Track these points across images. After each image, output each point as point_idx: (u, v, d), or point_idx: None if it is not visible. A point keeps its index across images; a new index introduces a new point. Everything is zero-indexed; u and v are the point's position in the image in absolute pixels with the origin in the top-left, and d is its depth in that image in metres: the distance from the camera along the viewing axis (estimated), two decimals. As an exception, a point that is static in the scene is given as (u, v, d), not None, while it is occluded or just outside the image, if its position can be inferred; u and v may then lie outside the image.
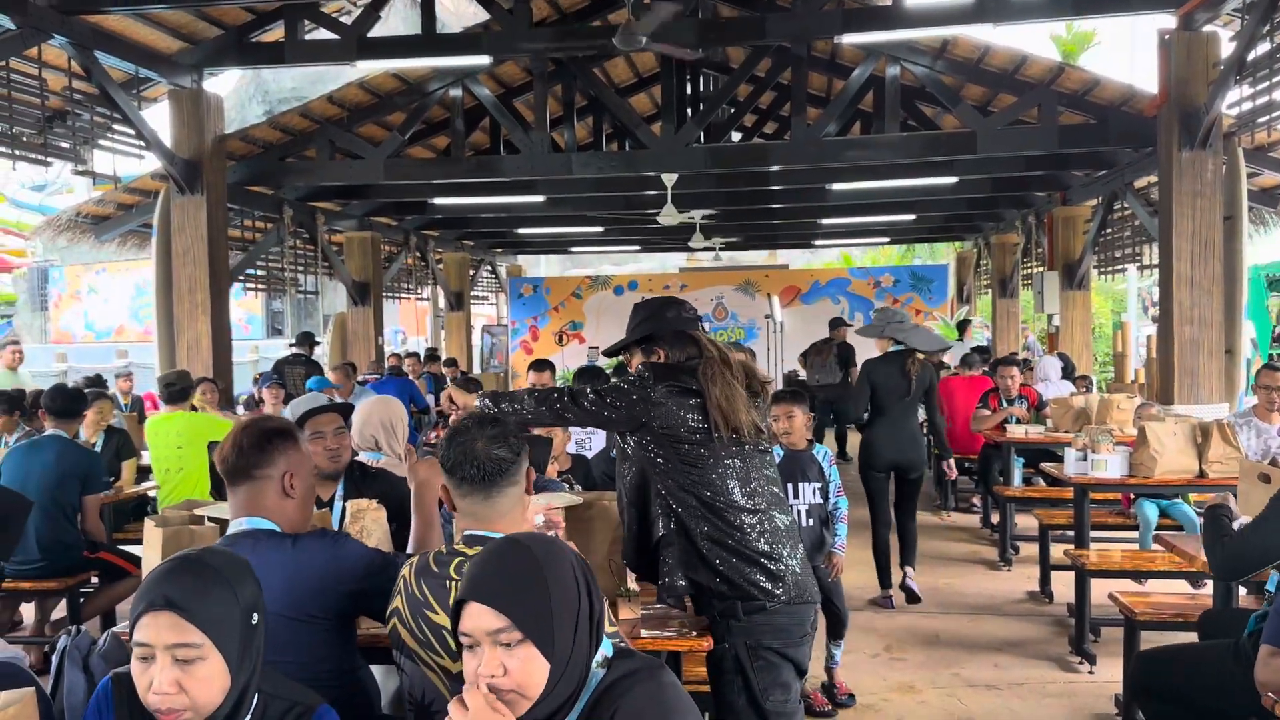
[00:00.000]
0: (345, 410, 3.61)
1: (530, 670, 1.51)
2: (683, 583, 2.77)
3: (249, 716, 1.74)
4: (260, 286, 11.76)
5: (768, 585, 2.58)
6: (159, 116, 8.53)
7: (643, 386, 2.65)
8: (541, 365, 6.10)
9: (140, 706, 1.71)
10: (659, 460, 2.68)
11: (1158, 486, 5.09)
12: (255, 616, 1.73)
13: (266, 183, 9.93)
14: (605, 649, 1.64)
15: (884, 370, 5.82)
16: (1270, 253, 13.85)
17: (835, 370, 11.19)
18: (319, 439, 3.24)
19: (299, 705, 1.80)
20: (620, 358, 3.04)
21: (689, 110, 9.89)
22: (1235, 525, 3.05)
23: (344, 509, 3.04)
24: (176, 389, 5.97)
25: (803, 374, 11.93)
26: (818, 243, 19.08)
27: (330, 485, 3.29)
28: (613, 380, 2.87)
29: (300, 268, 11.88)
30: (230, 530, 2.35)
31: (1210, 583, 4.10)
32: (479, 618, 1.52)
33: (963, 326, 13.56)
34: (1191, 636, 3.95)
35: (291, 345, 11.20)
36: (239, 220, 10.27)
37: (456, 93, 9.13)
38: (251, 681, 1.74)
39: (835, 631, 4.39)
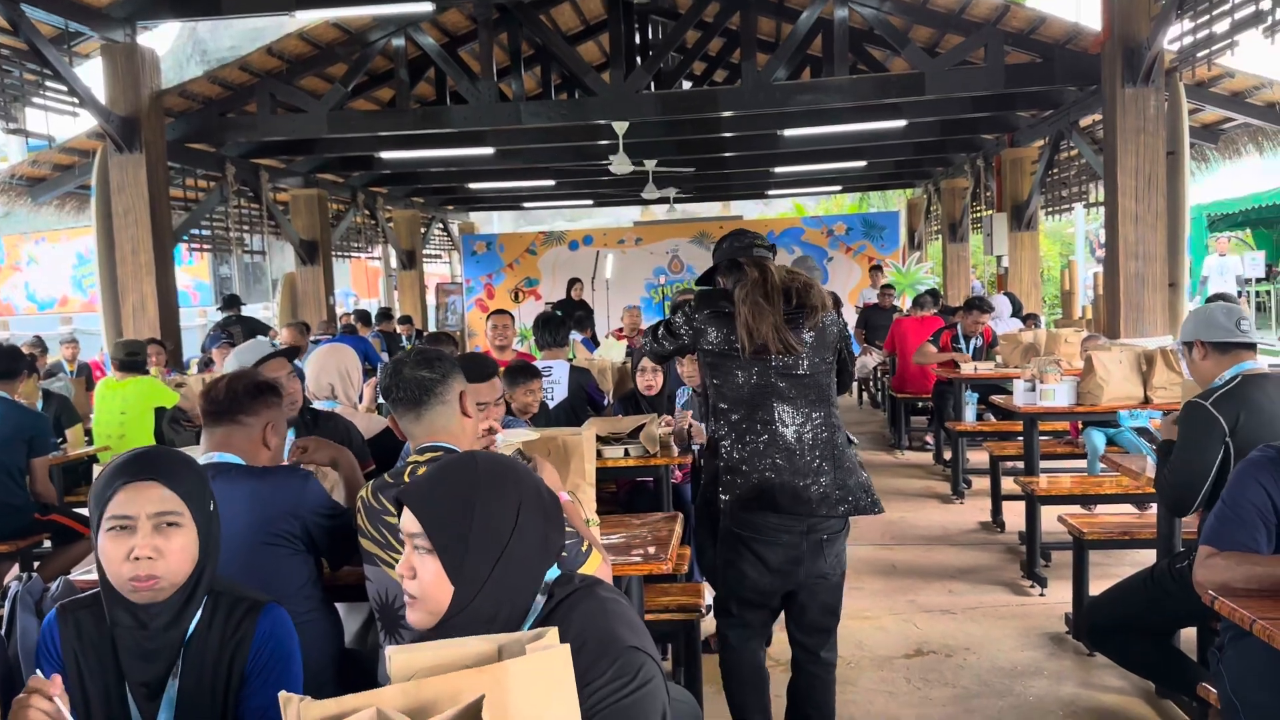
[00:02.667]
0: (290, 355, 3.59)
1: (433, 583, 1.50)
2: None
3: (200, 610, 1.82)
4: (205, 247, 11.52)
5: (730, 481, 2.95)
6: (93, 73, 8.28)
7: (688, 318, 3.08)
8: (501, 313, 6.02)
9: (88, 629, 1.76)
10: (706, 369, 3.09)
11: (1104, 413, 5.21)
12: (213, 504, 1.85)
13: (207, 140, 9.71)
14: (550, 575, 1.63)
15: None
16: (1212, 191, 14.14)
17: None
18: None
19: (248, 601, 1.87)
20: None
21: (638, 58, 9.80)
22: None
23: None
24: (132, 360, 5.89)
25: None
26: (771, 193, 19.09)
27: (282, 429, 3.27)
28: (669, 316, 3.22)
29: (246, 227, 11.65)
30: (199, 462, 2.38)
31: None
32: (406, 516, 1.55)
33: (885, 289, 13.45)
34: (1139, 554, 4.09)
35: (220, 309, 11.09)
36: (181, 179, 10.03)
37: (399, 42, 8.96)
38: (208, 566, 1.82)
39: None
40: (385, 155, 11.11)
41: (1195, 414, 2.97)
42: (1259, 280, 15.46)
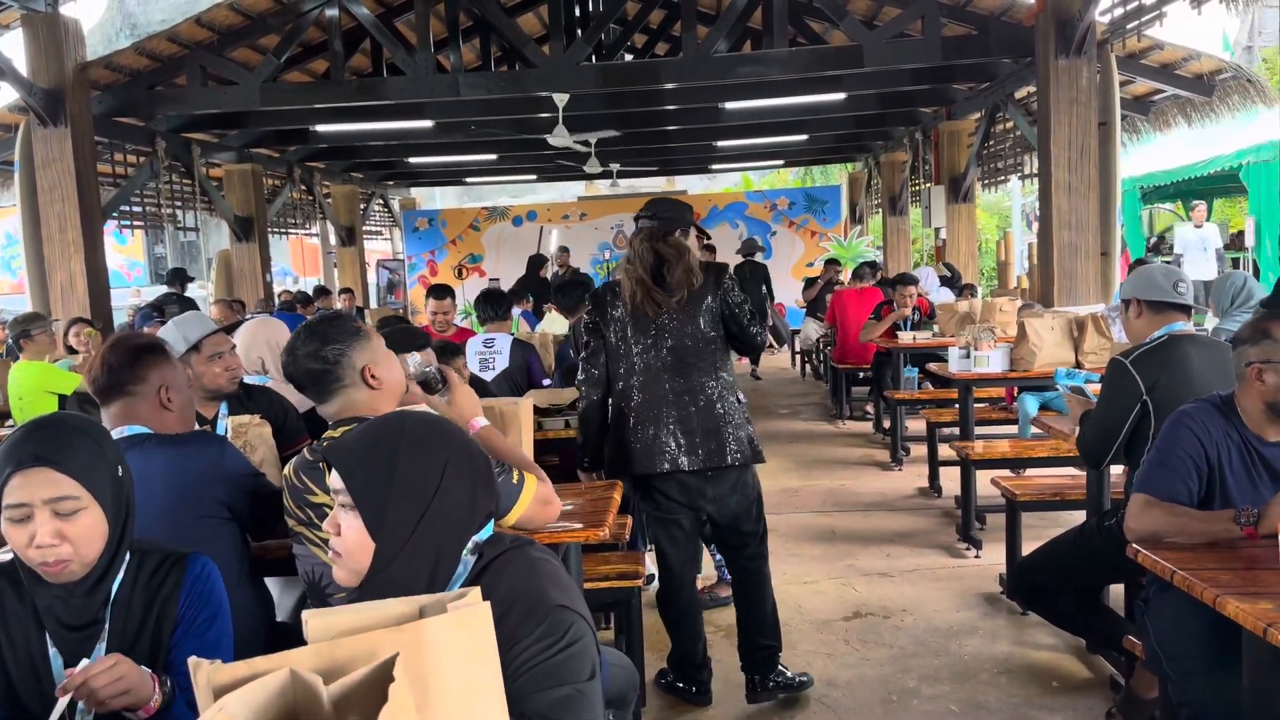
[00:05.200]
0: (230, 330, 3.54)
1: (355, 541, 1.49)
2: None
3: (123, 570, 1.78)
4: (136, 224, 11.21)
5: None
6: (14, 45, 8.00)
7: (587, 325, 3.54)
8: (441, 291, 5.92)
9: (8, 598, 1.75)
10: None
11: (1036, 378, 5.31)
12: (120, 469, 1.78)
13: (136, 113, 9.42)
14: (480, 535, 1.62)
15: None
16: (1144, 163, 14.41)
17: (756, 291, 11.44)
18: (219, 359, 3.13)
19: (173, 555, 1.85)
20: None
21: (578, 30, 9.70)
22: None
23: (227, 426, 2.98)
24: (15, 342, 5.62)
25: None
26: (715, 167, 19.08)
27: (213, 405, 3.20)
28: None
29: (178, 204, 11.36)
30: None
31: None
32: (331, 474, 1.54)
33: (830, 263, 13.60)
34: (1070, 515, 4.19)
35: (166, 283, 10.79)
36: (109, 154, 9.74)
37: (333, 12, 8.76)
38: (125, 535, 1.78)
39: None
40: (321, 128, 10.90)
41: (1115, 370, 3.05)
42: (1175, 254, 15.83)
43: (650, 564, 4.81)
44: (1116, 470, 3.50)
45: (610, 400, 3.48)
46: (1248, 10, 8.61)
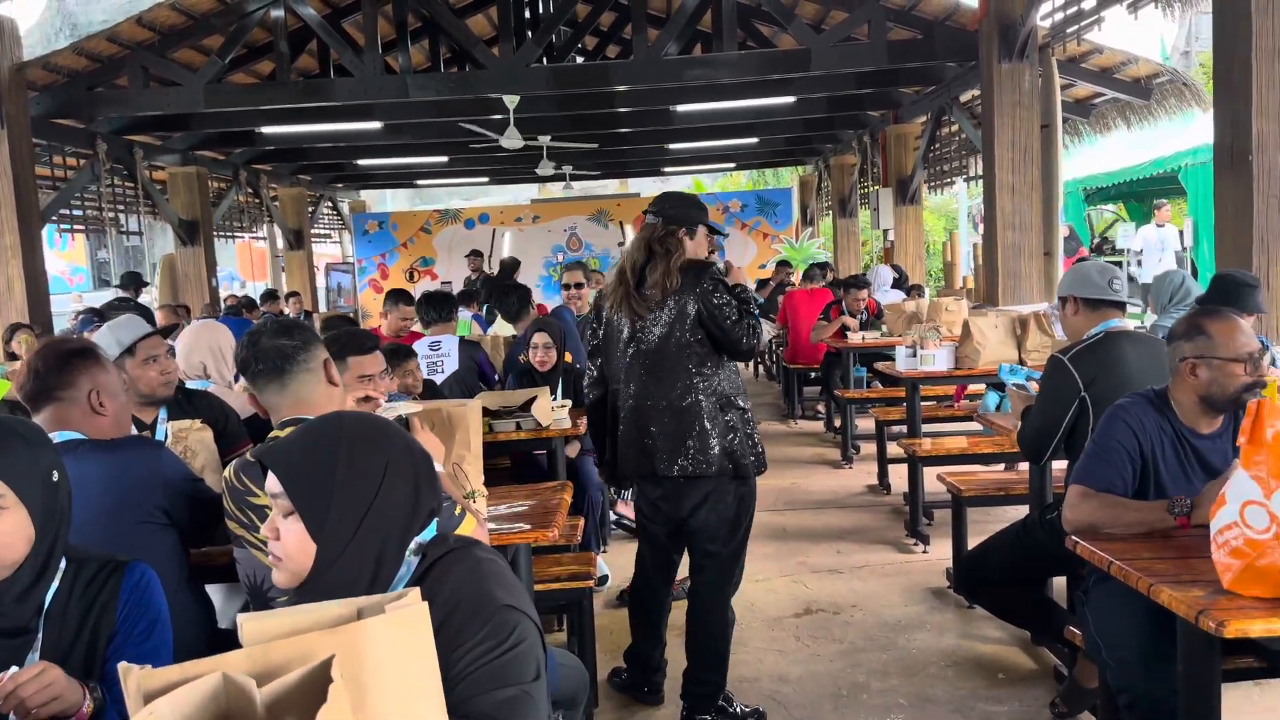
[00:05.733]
0: (165, 333, 3.47)
1: (296, 544, 1.48)
2: None
3: (58, 579, 1.74)
4: (77, 228, 10.96)
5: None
6: (-56, 43, 7.78)
7: (592, 313, 3.60)
8: (397, 297, 5.81)
9: None
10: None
11: (981, 376, 5.40)
12: (56, 474, 1.74)
13: (76, 115, 9.21)
14: (423, 536, 1.61)
15: None
16: (1086, 165, 14.71)
17: None
18: (153, 363, 3.07)
19: (111, 563, 1.80)
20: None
21: (529, 32, 9.68)
22: None
23: (167, 431, 2.93)
24: None
25: None
26: (667, 170, 19.13)
27: (152, 410, 3.14)
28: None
29: (121, 207, 11.13)
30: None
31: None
32: (269, 478, 1.52)
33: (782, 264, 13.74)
34: (1016, 510, 4.26)
35: (116, 286, 10.55)
36: (48, 157, 9.51)
37: (279, 13, 8.65)
38: (58, 542, 1.74)
39: None
40: (267, 130, 10.75)
41: (1054, 367, 3.11)
42: (1133, 251, 16.18)
43: (603, 565, 4.83)
44: (1059, 465, 3.57)
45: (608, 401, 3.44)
46: (1184, 16, 8.83)
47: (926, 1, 8.50)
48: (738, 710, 3.30)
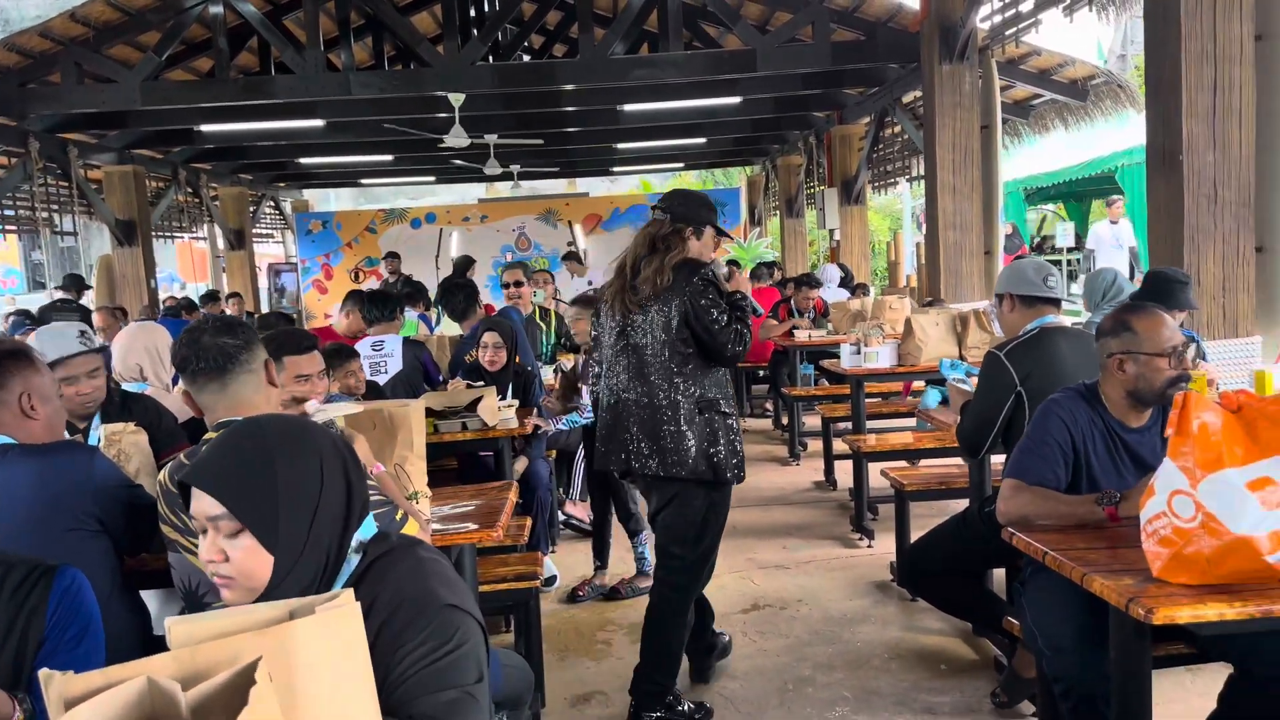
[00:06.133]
0: (105, 349, 3.37)
1: (250, 561, 1.44)
2: None
3: None
4: (10, 228, 10.66)
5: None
6: None
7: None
8: (357, 297, 5.63)
9: None
10: None
11: (923, 372, 5.48)
12: None
13: (7, 112, 8.95)
14: (363, 533, 1.59)
15: None
16: (1026, 166, 14.99)
17: None
18: (71, 383, 2.96)
19: (40, 567, 1.75)
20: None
21: (473, 30, 9.62)
22: None
23: (100, 435, 2.86)
24: None
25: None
26: (616, 169, 19.15)
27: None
28: None
29: (55, 207, 10.84)
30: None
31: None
32: (200, 501, 1.45)
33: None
34: (958, 503, 4.31)
35: (57, 288, 10.28)
36: (-24, 155, 9.26)
37: (218, 9, 8.48)
38: None
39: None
40: (206, 128, 10.55)
41: (991, 363, 3.17)
42: (1070, 250, 16.54)
43: (552, 566, 4.82)
44: (999, 459, 3.63)
45: None
46: (1119, 19, 9.04)
47: (869, 3, 8.60)
48: (685, 708, 3.29)
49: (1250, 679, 2.33)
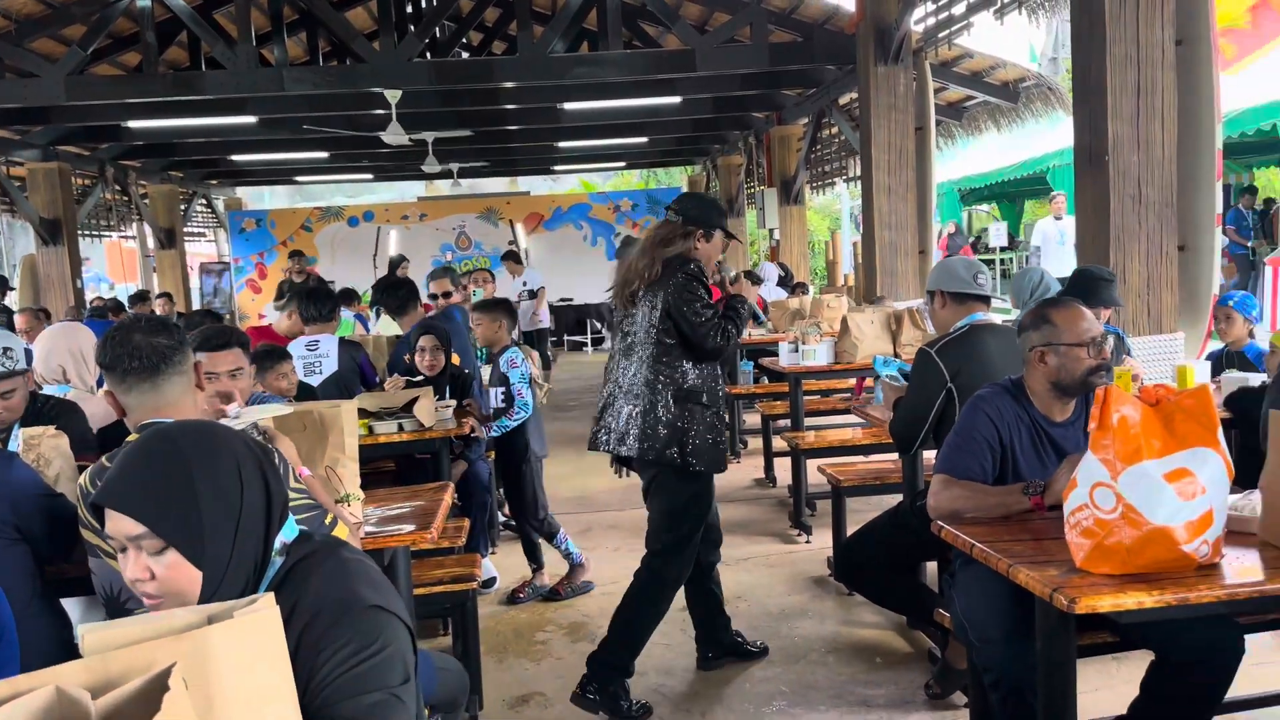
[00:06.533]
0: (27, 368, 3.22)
1: (178, 577, 1.40)
2: None
3: None
4: (-75, 227, 10.30)
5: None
6: None
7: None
8: (293, 297, 5.54)
9: None
10: None
11: (859, 370, 5.54)
12: None
13: (-79, 106, 8.67)
14: (286, 534, 1.56)
15: None
16: (961, 167, 15.28)
17: None
18: None
19: None
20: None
21: (410, 26, 9.52)
22: None
23: (18, 439, 2.77)
24: None
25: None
26: (557, 168, 19.10)
27: (3, 417, 2.95)
28: None
29: (-26, 205, 10.51)
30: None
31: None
32: (117, 522, 1.40)
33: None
34: (894, 498, 4.38)
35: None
36: (-110, 151, 8.92)
37: (145, 2, 8.28)
38: None
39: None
40: (135, 125, 10.28)
41: (921, 359, 3.22)
42: (1002, 249, 16.91)
43: (492, 567, 4.78)
44: (931, 454, 3.68)
45: None
46: (1051, 23, 9.25)
47: (806, 5, 8.70)
48: (627, 707, 3.30)
49: (1170, 665, 2.40)
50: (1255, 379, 3.97)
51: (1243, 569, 2.07)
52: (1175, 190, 4.71)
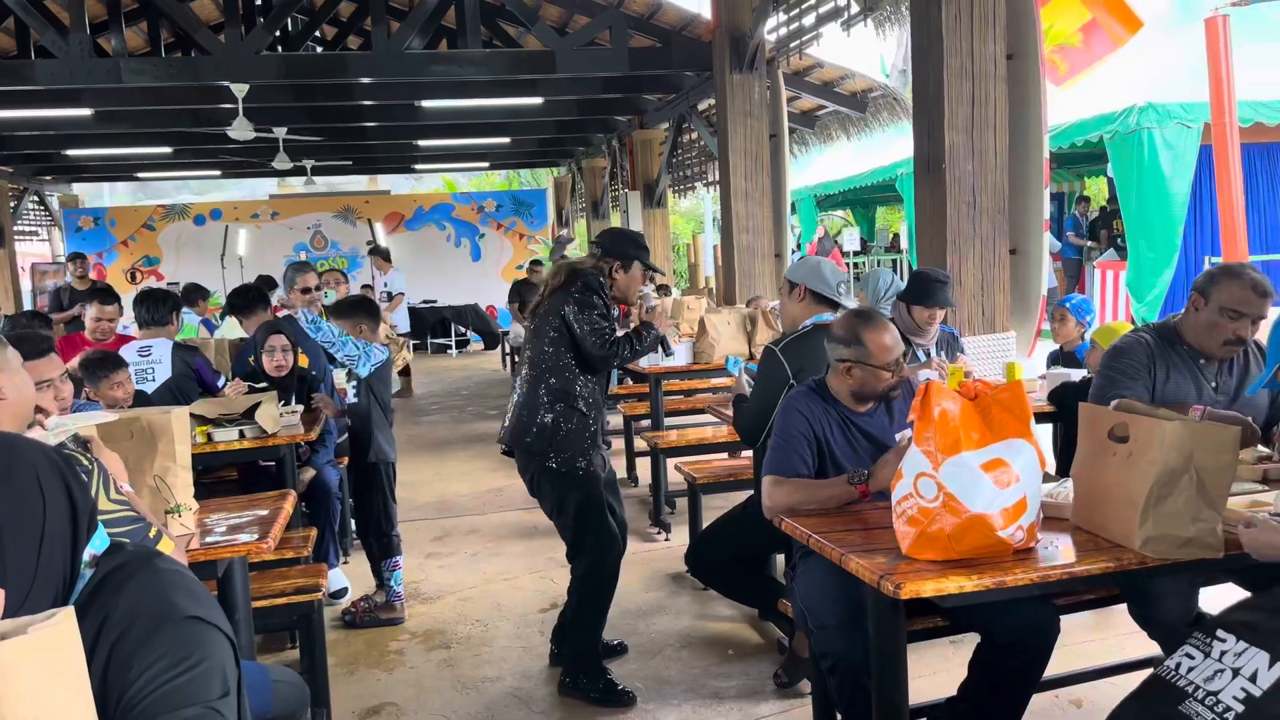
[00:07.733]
0: None
1: None
2: None
3: None
4: None
5: None
6: None
7: None
8: (108, 296, 5.19)
9: None
10: None
11: (717, 370, 5.66)
12: None
13: None
14: (96, 546, 1.48)
15: None
16: (818, 174, 15.76)
17: None
18: None
19: None
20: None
21: (259, 18, 9.18)
22: None
23: None
24: None
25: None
26: (419, 167, 18.75)
27: None
28: None
29: None
30: None
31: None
32: None
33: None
34: (746, 493, 4.48)
35: None
36: None
37: (-35, -16, 7.73)
38: None
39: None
40: (-46, 115, 9.56)
41: (766, 357, 3.31)
42: (856, 253, 17.54)
43: (343, 577, 4.64)
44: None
45: None
46: (901, 36, 9.64)
47: (664, 11, 8.82)
48: (620, 687, 3.43)
49: (994, 645, 2.53)
50: (1077, 374, 4.24)
51: (1055, 552, 2.20)
52: (1007, 197, 4.99)
